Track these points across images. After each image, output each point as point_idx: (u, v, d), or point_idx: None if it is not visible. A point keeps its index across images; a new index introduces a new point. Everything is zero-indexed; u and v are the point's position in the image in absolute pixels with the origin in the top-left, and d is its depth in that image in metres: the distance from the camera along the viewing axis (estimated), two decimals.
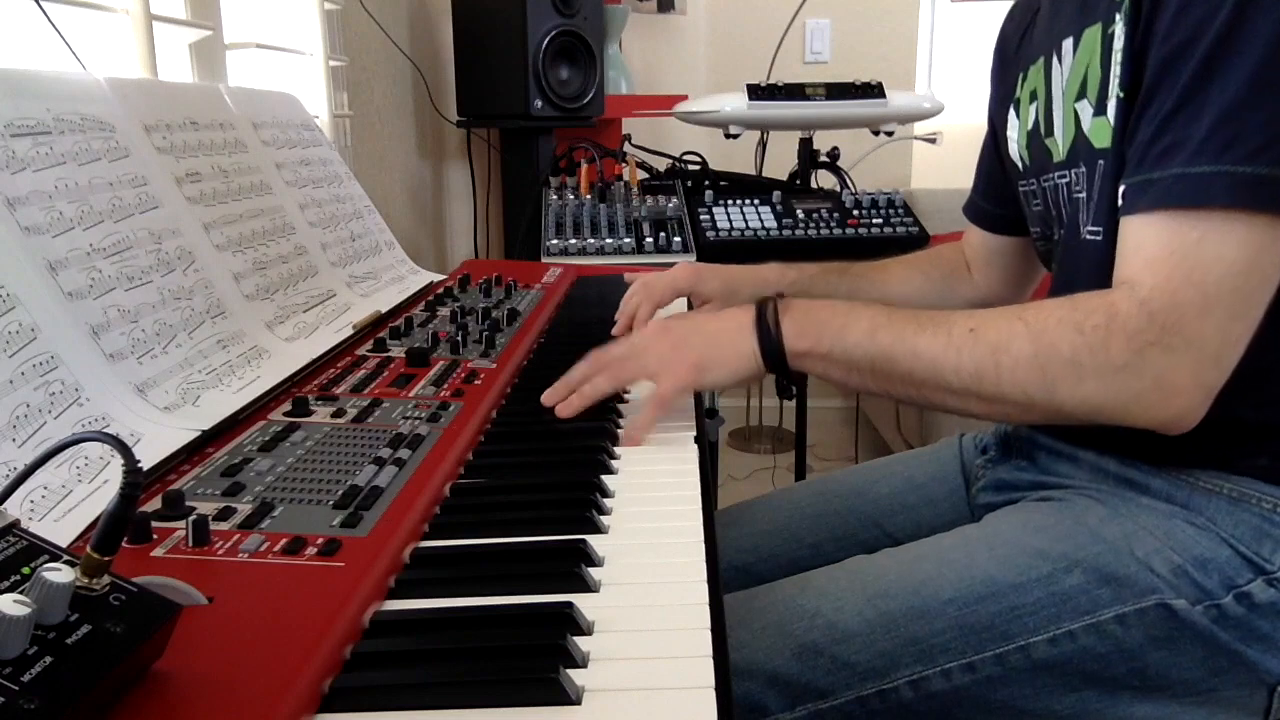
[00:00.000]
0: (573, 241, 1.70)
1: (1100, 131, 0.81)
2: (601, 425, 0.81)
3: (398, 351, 0.97)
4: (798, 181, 2.10)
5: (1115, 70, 0.78)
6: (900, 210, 1.87)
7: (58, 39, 0.94)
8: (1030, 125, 0.94)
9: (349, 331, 1.01)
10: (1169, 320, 0.70)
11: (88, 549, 0.41)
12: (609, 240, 1.70)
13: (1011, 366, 0.73)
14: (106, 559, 0.41)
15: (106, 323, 0.72)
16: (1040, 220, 0.97)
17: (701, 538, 0.62)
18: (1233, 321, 0.70)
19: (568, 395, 0.83)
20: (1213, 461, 0.80)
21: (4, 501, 0.44)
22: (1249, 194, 0.68)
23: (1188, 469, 0.81)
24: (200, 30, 1.27)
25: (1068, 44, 0.86)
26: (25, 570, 0.40)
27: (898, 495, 1.05)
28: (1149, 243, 0.72)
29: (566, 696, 0.44)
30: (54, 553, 0.42)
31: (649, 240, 1.70)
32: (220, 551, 0.55)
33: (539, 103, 1.93)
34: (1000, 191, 1.08)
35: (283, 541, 0.56)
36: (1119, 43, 0.77)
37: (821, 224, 1.83)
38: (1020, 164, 0.99)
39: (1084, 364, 0.71)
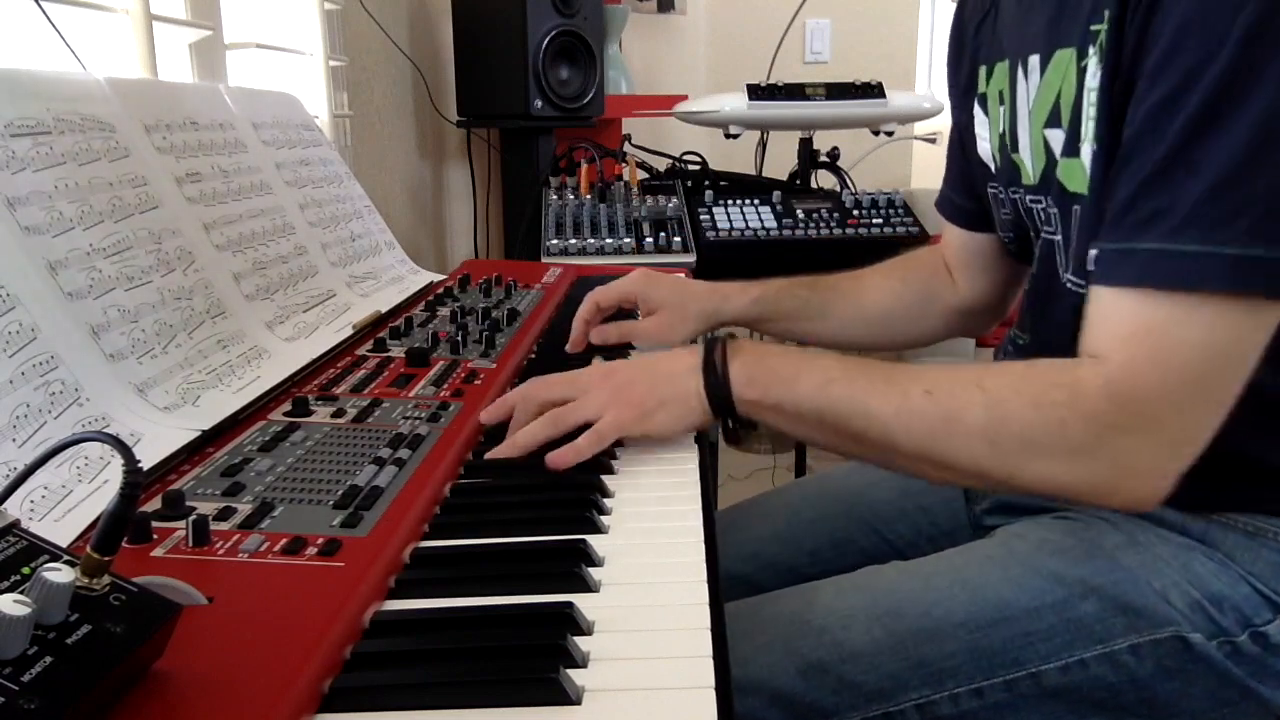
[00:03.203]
0: (573, 241, 1.70)
1: (1073, 175, 0.76)
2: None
3: (398, 351, 0.97)
4: (798, 181, 2.10)
5: (1089, 111, 0.72)
6: (900, 210, 1.87)
7: (58, 39, 0.94)
8: (1001, 129, 0.89)
9: (349, 331, 1.01)
10: (1133, 404, 0.65)
11: (88, 549, 0.41)
12: (609, 240, 1.70)
13: (965, 436, 0.69)
14: (106, 559, 0.41)
15: (106, 323, 0.72)
16: (1012, 226, 0.93)
17: (701, 538, 0.61)
18: (1202, 407, 0.66)
19: (504, 415, 0.79)
20: (1228, 504, 0.77)
21: (4, 501, 0.44)
22: (1237, 276, 0.62)
23: (1201, 511, 0.78)
24: (200, 30, 1.27)
25: (1034, 61, 0.81)
26: (25, 570, 0.40)
27: (894, 502, 1.03)
28: (1119, 316, 0.67)
29: (566, 696, 0.44)
30: (54, 553, 0.42)
31: (649, 240, 1.70)
32: (220, 551, 0.55)
33: (539, 103, 1.93)
34: (972, 186, 1.03)
35: (283, 541, 0.56)
36: (1093, 81, 0.72)
37: (821, 224, 1.83)
38: (992, 165, 0.94)
39: (1038, 442, 0.67)
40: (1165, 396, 0.65)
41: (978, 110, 0.96)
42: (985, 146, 0.95)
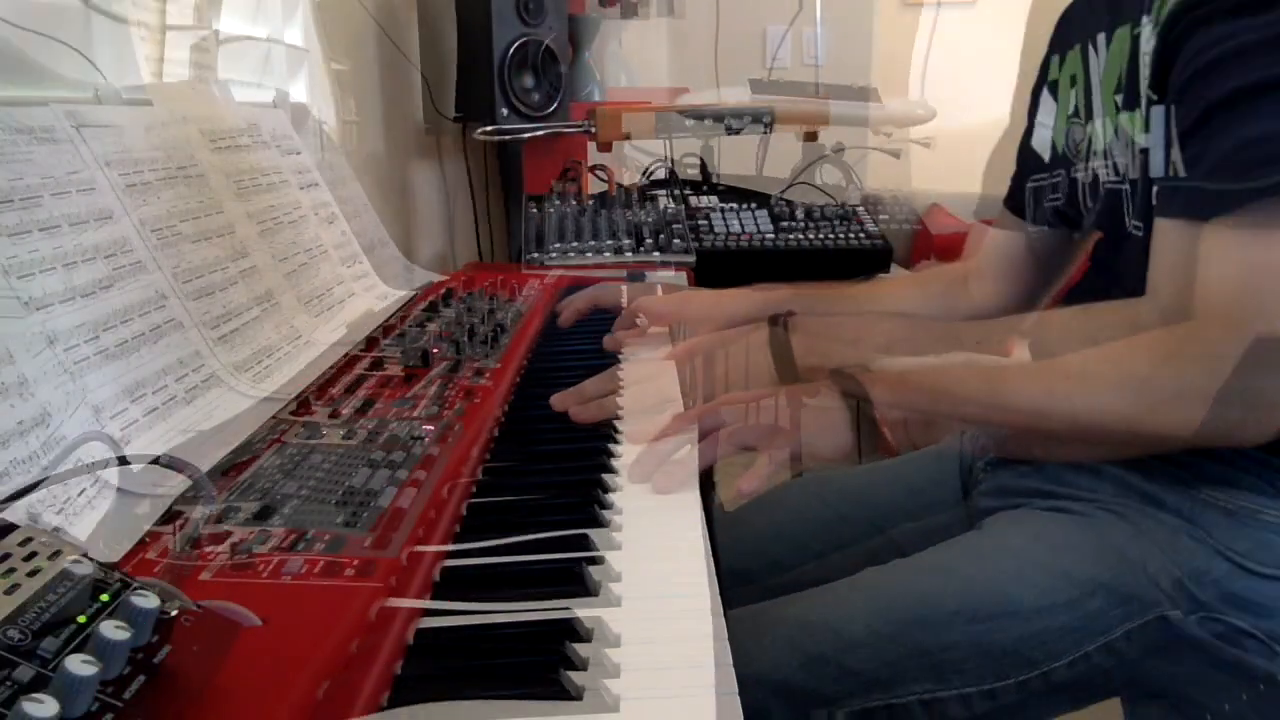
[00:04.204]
0: (573, 244, 1.69)
1: (1135, 125, 0.80)
2: (598, 445, 0.80)
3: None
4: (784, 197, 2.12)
5: (1144, 74, 0.77)
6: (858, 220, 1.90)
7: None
8: (1070, 110, 0.93)
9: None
10: (1187, 331, 0.69)
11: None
12: (608, 241, 1.69)
13: (1020, 380, 0.74)
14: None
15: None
16: (1052, 216, 0.95)
17: (702, 536, 0.64)
18: (1258, 329, 0.67)
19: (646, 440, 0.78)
20: (1208, 480, 0.79)
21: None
22: (1249, 204, 0.66)
23: (1186, 487, 0.80)
24: (199, 31, 1.27)
25: (1101, 39, 0.87)
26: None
27: (899, 501, 1.03)
28: (1173, 249, 0.72)
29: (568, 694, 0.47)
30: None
31: (649, 241, 1.68)
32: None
33: (504, 110, 1.92)
34: None
35: (321, 564, 0.57)
36: (1146, 46, 0.77)
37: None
38: (1049, 152, 0.97)
39: (1097, 375, 0.72)
40: (1223, 323, 0.68)
41: (1046, 99, 0.99)
42: (1045, 134, 0.98)
